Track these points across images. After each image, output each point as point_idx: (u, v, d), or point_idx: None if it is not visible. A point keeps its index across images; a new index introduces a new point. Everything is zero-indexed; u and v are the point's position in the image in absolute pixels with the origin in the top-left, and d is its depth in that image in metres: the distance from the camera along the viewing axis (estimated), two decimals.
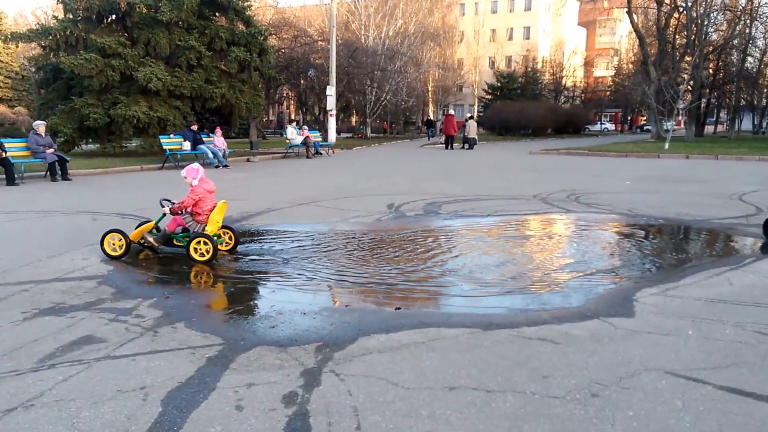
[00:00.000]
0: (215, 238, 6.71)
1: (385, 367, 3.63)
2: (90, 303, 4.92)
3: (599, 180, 14.91)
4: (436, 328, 4.30)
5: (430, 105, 65.09)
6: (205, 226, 6.74)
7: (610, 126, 74.13)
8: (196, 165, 7.04)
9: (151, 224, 6.89)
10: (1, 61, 63.36)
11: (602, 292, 5.29)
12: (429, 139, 42.26)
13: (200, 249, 6.47)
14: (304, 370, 3.59)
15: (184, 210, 6.77)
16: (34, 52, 30.35)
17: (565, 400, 3.19)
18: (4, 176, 13.90)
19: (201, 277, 5.93)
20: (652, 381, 3.43)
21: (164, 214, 6.79)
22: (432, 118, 51.19)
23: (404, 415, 3.04)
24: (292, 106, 60.93)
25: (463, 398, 3.22)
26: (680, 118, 41.70)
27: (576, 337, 4.11)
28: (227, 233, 7.07)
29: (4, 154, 13.99)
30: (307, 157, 23.79)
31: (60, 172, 14.98)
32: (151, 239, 6.75)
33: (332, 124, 32.02)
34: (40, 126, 15.58)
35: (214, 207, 6.84)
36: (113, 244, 6.65)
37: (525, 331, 4.24)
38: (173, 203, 6.80)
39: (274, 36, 36.07)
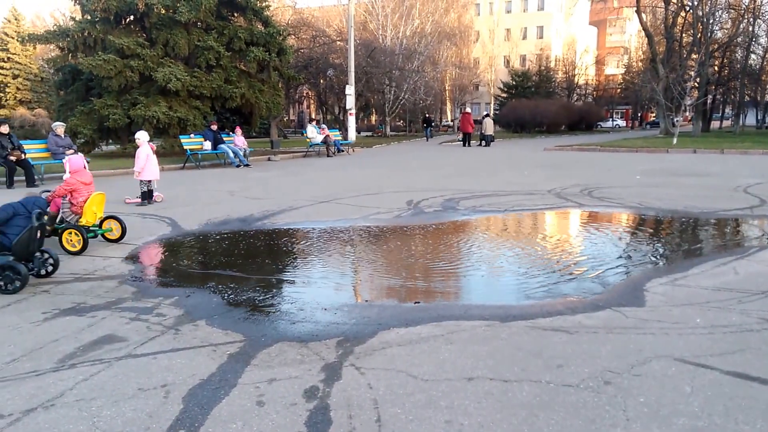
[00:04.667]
0: (94, 227, 7.16)
1: (404, 360, 3.64)
2: (111, 302, 4.95)
3: (611, 175, 14.87)
4: (454, 321, 4.32)
5: (448, 103, 64.98)
6: (80, 217, 7.05)
7: (621, 122, 73.85)
8: (75, 157, 7.53)
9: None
10: (20, 63, 64.36)
11: (614, 282, 5.36)
12: (427, 140, 39.84)
13: (71, 240, 6.82)
14: (325, 364, 3.60)
15: (62, 197, 7.16)
16: (52, 54, 30.73)
17: (579, 388, 3.24)
18: (24, 178, 14.06)
19: (222, 275, 5.94)
20: (662, 368, 3.48)
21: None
22: (430, 116, 48.02)
23: (423, 407, 3.05)
24: (312, 106, 61.16)
25: (480, 389, 3.25)
26: (687, 114, 41.59)
27: (589, 327, 4.16)
28: (116, 224, 7.42)
29: (23, 155, 14.14)
30: (328, 156, 23.83)
31: None
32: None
33: (352, 122, 32.08)
34: (59, 127, 15.66)
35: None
36: None
37: (540, 322, 4.28)
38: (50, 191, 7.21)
39: (292, 36, 36.25)
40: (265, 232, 8.13)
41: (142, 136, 10.92)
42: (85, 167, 7.53)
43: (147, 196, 10.78)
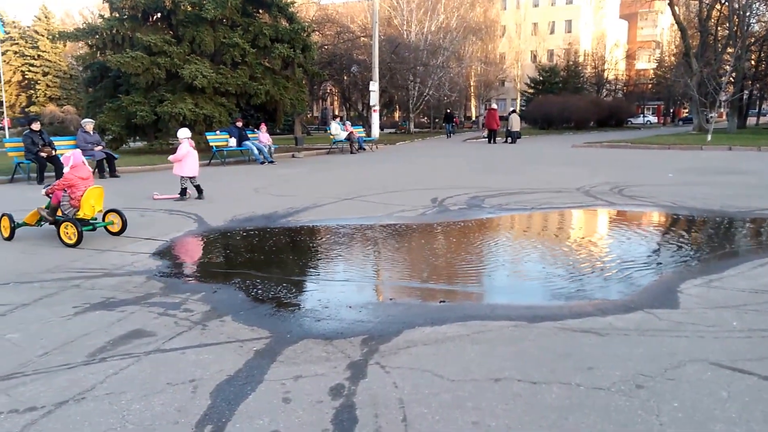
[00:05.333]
0: (93, 220, 7.54)
1: (430, 359, 3.62)
2: (139, 297, 5.00)
3: (642, 172, 14.64)
4: (480, 321, 4.28)
5: (473, 100, 64.66)
6: (77, 210, 7.29)
7: (653, 119, 72.71)
8: (68, 153, 7.75)
9: (43, 207, 7.55)
10: (50, 61, 65.68)
11: (646, 283, 5.24)
12: (448, 137, 39.55)
13: (68, 232, 7.07)
14: (351, 362, 3.60)
15: (62, 190, 7.37)
16: (81, 51, 31.15)
17: (611, 391, 3.17)
18: (54, 174, 14.27)
19: (248, 272, 5.98)
20: (697, 372, 3.39)
21: (49, 197, 7.51)
22: (452, 112, 47.13)
23: (450, 407, 3.03)
24: (335, 102, 61.26)
25: (508, 390, 3.20)
26: (722, 110, 40.84)
27: (620, 329, 4.08)
28: (117, 217, 7.66)
29: (53, 152, 14.37)
30: (351, 153, 23.86)
31: (108, 169, 15.32)
32: (44, 214, 7.50)
33: (375, 119, 32.10)
34: (88, 124, 15.93)
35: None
36: (5, 227, 7.43)
37: (569, 323, 4.21)
38: (50, 185, 7.60)
39: (317, 32, 36.28)
40: (289, 229, 8.16)
41: (181, 134, 11.15)
42: (83, 163, 7.75)
43: (184, 192, 10.95)
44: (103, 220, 7.73)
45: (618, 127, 52.65)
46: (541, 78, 59.47)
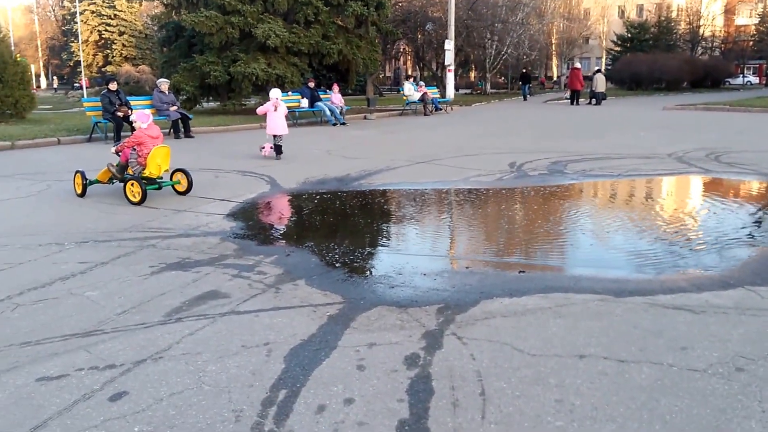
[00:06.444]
0: (160, 179, 7.70)
1: (509, 332, 3.48)
2: (214, 259, 5.03)
3: (742, 138, 13.79)
4: (563, 293, 4.08)
5: (554, 58, 62.56)
6: (144, 169, 7.43)
7: (754, 79, 68.30)
8: (147, 111, 7.92)
9: (113, 164, 7.70)
10: (126, 21, 67.46)
11: (746, 258, 4.89)
12: (525, 99, 37.19)
13: (133, 191, 7.29)
14: (426, 331, 3.49)
15: (131, 148, 7.53)
16: (156, 11, 31.79)
17: (707, 373, 2.96)
18: (130, 133, 14.59)
19: (320, 235, 5.94)
20: None
21: (119, 155, 7.69)
22: (528, 72, 43.42)
23: (531, 383, 2.89)
24: (409, 62, 60.57)
25: (593, 367, 3.03)
26: None
27: (718, 307, 3.80)
28: (183, 176, 7.79)
29: (129, 111, 14.66)
30: (425, 114, 23.53)
31: (183, 129, 15.49)
32: (114, 171, 7.62)
33: (450, 79, 31.44)
34: (164, 84, 16.10)
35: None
36: (78, 184, 7.73)
37: (660, 299, 3.96)
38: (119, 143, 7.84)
39: None
40: (362, 192, 8.09)
41: (270, 93, 11.51)
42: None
43: (279, 150, 11.16)
44: (171, 179, 7.86)
45: (714, 88, 49.78)
46: (629, 35, 56.62)
